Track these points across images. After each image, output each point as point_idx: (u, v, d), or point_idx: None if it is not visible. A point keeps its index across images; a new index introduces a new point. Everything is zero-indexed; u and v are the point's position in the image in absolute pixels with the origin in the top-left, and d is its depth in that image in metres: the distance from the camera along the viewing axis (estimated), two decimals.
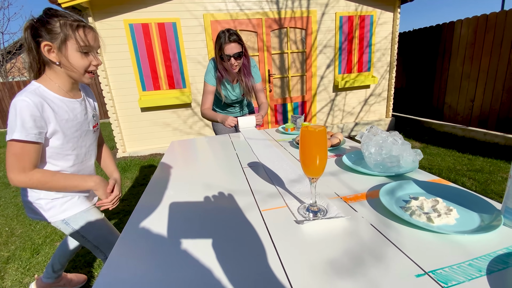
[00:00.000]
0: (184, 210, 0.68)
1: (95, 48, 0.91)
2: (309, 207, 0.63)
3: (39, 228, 2.29)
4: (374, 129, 0.87)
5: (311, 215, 0.61)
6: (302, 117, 1.40)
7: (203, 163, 1.05)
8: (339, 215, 0.59)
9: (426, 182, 0.70)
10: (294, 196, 0.71)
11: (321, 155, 0.57)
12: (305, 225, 0.57)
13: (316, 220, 0.58)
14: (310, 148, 0.57)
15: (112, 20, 3.62)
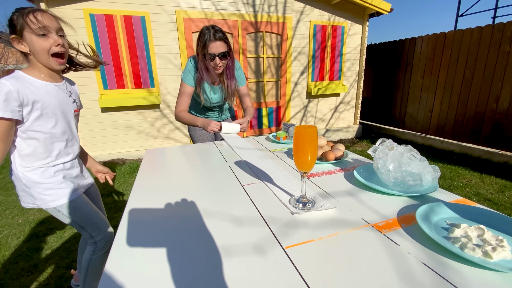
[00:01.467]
0: (186, 249, 0.52)
1: (52, 28, 0.92)
2: (299, 199, 0.69)
3: None
4: (388, 143, 0.80)
5: (301, 205, 0.68)
6: (295, 125, 1.30)
7: (195, 180, 0.89)
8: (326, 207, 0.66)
9: (457, 205, 0.64)
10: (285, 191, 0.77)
11: (312, 151, 0.64)
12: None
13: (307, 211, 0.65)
14: (303, 145, 0.64)
15: (69, 8, 3.21)
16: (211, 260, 0.48)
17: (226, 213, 0.65)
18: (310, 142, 0.63)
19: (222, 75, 1.58)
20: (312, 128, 0.63)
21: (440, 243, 0.49)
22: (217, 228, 0.58)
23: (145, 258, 0.49)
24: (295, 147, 0.66)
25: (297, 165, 0.67)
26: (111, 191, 2.79)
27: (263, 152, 1.17)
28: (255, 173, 0.91)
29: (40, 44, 0.90)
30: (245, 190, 0.78)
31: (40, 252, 1.84)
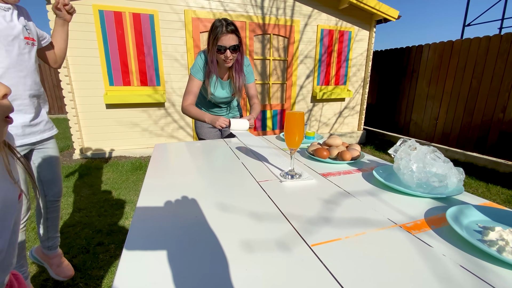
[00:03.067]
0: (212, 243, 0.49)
1: None
2: (288, 172, 0.84)
3: None
4: (411, 142, 0.77)
5: (289, 177, 0.82)
6: (307, 126, 1.28)
7: (207, 176, 0.86)
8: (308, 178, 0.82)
9: (487, 207, 0.61)
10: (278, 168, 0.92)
11: (299, 132, 0.79)
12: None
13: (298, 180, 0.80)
14: (292, 128, 0.79)
15: (78, 3, 3.21)
16: (233, 256, 0.45)
17: (244, 208, 0.62)
18: (298, 125, 0.78)
19: (231, 69, 1.58)
20: (300, 114, 0.78)
21: (477, 245, 0.46)
22: (237, 224, 0.56)
23: (165, 254, 0.46)
24: (285, 129, 0.81)
25: (287, 143, 0.82)
26: (114, 188, 2.76)
27: (275, 149, 1.15)
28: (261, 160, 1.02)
29: None
30: (261, 186, 0.76)
31: None
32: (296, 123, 0.78)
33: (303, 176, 0.83)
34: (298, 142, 0.80)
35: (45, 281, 1.51)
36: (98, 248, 1.80)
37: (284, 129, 0.81)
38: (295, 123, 0.78)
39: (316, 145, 1.03)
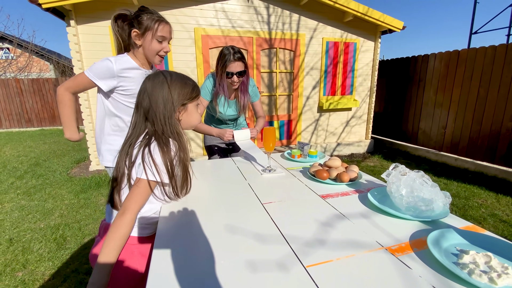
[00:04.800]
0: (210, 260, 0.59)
1: (167, 39, 1.21)
2: (266, 168, 1.24)
3: None
4: (401, 168, 0.85)
5: (267, 171, 1.21)
6: (309, 145, 1.37)
7: (216, 196, 0.96)
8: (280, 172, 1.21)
9: (466, 231, 0.68)
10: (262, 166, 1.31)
11: (272, 141, 1.20)
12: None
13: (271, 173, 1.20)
14: (267, 137, 1.19)
15: (96, 25, 3.44)
16: (237, 274, 0.54)
17: (249, 230, 0.71)
18: (271, 136, 1.19)
19: (237, 89, 1.73)
20: (272, 128, 1.21)
21: (449, 268, 0.54)
22: (241, 244, 0.65)
23: (177, 275, 0.55)
24: (263, 139, 1.21)
25: (265, 148, 1.22)
26: None
27: (286, 174, 1.24)
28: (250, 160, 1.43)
29: (155, 46, 1.18)
30: (265, 208, 0.85)
31: (61, 257, 1.94)
32: (269, 135, 1.19)
33: (277, 171, 1.21)
34: (272, 147, 1.21)
35: None
36: None
37: (263, 139, 1.21)
38: (268, 135, 1.19)
39: (317, 166, 1.12)
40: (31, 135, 7.28)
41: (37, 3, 3.06)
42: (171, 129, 0.85)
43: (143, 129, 0.86)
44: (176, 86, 0.86)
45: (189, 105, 0.91)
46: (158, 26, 1.14)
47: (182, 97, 0.87)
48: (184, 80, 0.90)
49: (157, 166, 0.79)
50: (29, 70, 14.76)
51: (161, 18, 1.17)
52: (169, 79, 0.86)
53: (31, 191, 3.19)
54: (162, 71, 0.89)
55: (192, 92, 0.90)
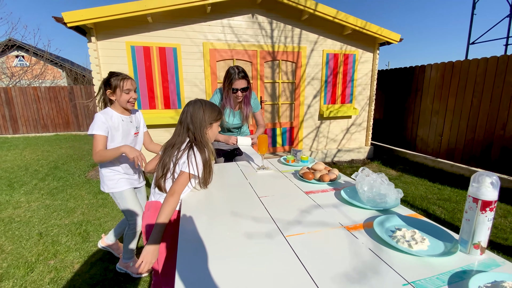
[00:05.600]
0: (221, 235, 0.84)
1: (132, 89, 1.60)
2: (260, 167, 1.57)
3: (30, 245, 2.27)
4: (366, 171, 1.10)
5: (262, 169, 1.55)
6: (301, 151, 1.62)
7: (223, 192, 1.22)
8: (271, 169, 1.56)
9: (406, 217, 0.92)
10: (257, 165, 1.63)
11: (265, 146, 1.58)
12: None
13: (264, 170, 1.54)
14: (261, 143, 1.58)
15: (114, 41, 3.78)
16: (238, 240, 0.79)
17: (248, 214, 0.96)
18: (264, 142, 1.58)
19: (241, 102, 2.02)
20: (264, 136, 1.60)
21: (382, 238, 0.78)
22: (242, 222, 0.90)
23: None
24: (258, 145, 1.60)
25: (259, 151, 1.60)
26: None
27: (274, 171, 1.49)
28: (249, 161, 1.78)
29: (124, 97, 1.58)
30: (260, 200, 1.10)
31: (86, 248, 2.21)
32: (263, 141, 1.59)
33: (269, 169, 1.57)
34: (265, 151, 1.60)
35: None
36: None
37: (257, 143, 1.61)
38: (262, 141, 1.59)
39: (305, 169, 1.37)
40: (47, 140, 7.69)
41: (63, 22, 3.42)
42: (203, 139, 1.20)
43: (185, 138, 1.21)
44: (208, 111, 1.23)
45: (214, 124, 1.28)
46: (123, 83, 1.55)
47: (211, 118, 1.24)
48: (213, 107, 1.26)
49: (197, 164, 1.14)
50: (43, 77, 15.40)
51: (125, 76, 1.56)
52: (203, 105, 1.24)
53: (53, 191, 3.50)
54: (199, 100, 1.27)
55: (217, 116, 1.28)
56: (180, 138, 1.21)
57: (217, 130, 1.32)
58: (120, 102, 1.59)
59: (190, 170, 1.13)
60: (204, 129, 1.22)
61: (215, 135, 1.31)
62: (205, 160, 1.18)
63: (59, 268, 1.98)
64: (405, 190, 3.65)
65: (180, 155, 1.17)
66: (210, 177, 1.25)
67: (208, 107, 1.25)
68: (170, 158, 1.19)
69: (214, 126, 1.29)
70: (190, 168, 1.13)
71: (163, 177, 1.19)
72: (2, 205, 3.09)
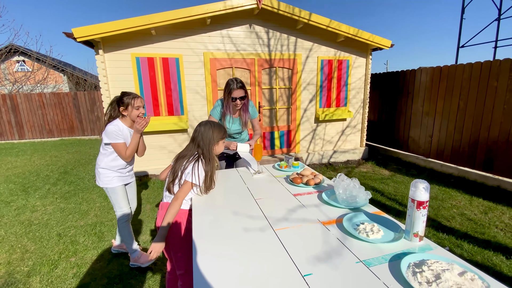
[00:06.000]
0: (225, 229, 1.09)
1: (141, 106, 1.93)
2: (256, 172, 1.83)
3: (51, 244, 2.51)
4: (342, 177, 1.34)
5: (257, 174, 1.81)
6: (293, 158, 1.86)
7: (226, 195, 1.46)
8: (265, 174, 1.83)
9: (371, 214, 1.16)
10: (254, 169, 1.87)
11: (260, 153, 1.87)
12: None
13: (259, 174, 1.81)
14: (257, 151, 1.87)
15: (120, 52, 4.03)
16: (236, 233, 1.04)
17: (245, 213, 1.20)
18: (259, 150, 1.85)
19: (240, 110, 2.28)
20: (259, 145, 1.86)
21: (347, 229, 1.02)
22: (240, 220, 1.14)
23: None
24: (254, 152, 1.88)
25: (255, 158, 1.87)
26: (149, 202, 3.41)
27: (269, 176, 1.73)
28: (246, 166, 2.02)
29: (135, 113, 1.90)
30: (256, 202, 1.34)
31: (102, 247, 2.45)
32: (258, 150, 1.84)
33: (263, 174, 1.81)
34: (260, 158, 1.85)
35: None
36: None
37: (253, 152, 1.88)
38: (257, 150, 1.84)
39: (295, 175, 1.61)
40: (53, 145, 7.94)
41: (73, 37, 3.67)
42: (210, 154, 1.45)
43: (194, 151, 1.46)
44: (216, 131, 1.49)
45: (220, 141, 1.53)
46: (134, 101, 1.88)
47: (218, 137, 1.50)
48: (220, 128, 1.53)
49: (199, 175, 1.38)
50: (46, 82, 15.65)
51: (135, 96, 1.89)
52: (213, 126, 1.50)
53: (66, 195, 3.75)
54: (209, 122, 1.53)
55: (223, 135, 1.54)
56: (191, 152, 1.47)
57: (222, 146, 1.57)
58: (131, 117, 1.92)
59: (192, 180, 1.37)
60: (212, 146, 1.47)
61: (221, 149, 1.57)
62: (208, 171, 1.41)
63: (80, 264, 2.22)
64: (396, 189, 3.89)
65: (187, 165, 1.41)
66: (212, 186, 1.48)
67: (216, 127, 1.51)
68: (179, 167, 1.43)
69: (220, 143, 1.55)
70: (193, 178, 1.37)
71: (172, 182, 1.44)
72: (20, 209, 3.34)
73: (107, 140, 1.85)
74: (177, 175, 1.42)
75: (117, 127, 1.87)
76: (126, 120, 1.93)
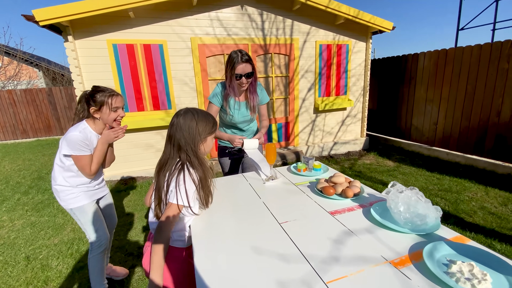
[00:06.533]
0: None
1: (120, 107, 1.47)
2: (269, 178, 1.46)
3: (17, 272, 2.07)
4: (398, 186, 0.98)
5: (271, 180, 1.44)
6: (313, 159, 1.49)
7: (237, 218, 1.08)
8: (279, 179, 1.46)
9: (455, 243, 0.81)
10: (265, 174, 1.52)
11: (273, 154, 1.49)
12: None
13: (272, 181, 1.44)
14: (270, 151, 1.49)
15: (94, 39, 3.49)
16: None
17: (273, 250, 0.83)
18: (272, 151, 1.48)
19: (246, 91, 1.82)
20: (273, 144, 1.50)
21: (441, 278, 0.67)
22: (268, 265, 0.77)
23: None
24: (266, 154, 1.50)
25: (268, 161, 1.51)
26: (136, 210, 2.99)
27: (287, 184, 1.36)
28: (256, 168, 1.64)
29: (112, 116, 1.43)
30: (282, 227, 0.97)
31: (80, 272, 2.03)
32: (271, 150, 1.49)
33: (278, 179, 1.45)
34: (273, 160, 1.49)
35: None
36: (131, 271, 2.02)
37: (265, 153, 1.50)
38: (270, 150, 1.49)
39: (324, 183, 1.24)
40: (28, 146, 7.26)
41: (34, 20, 3.10)
42: (198, 159, 1.02)
43: (176, 157, 1.03)
44: (202, 122, 1.04)
45: (209, 137, 1.08)
46: (112, 100, 1.39)
47: (205, 131, 1.06)
48: (207, 117, 1.06)
49: (186, 192, 0.96)
50: (18, 78, 14.51)
51: (112, 93, 1.41)
52: (196, 116, 1.05)
53: (39, 206, 3.26)
54: (190, 109, 1.06)
55: (212, 127, 1.09)
56: (172, 159, 1.04)
57: (212, 143, 1.14)
58: (106, 121, 1.42)
59: (178, 201, 0.96)
60: (198, 145, 1.05)
61: (210, 148, 1.13)
62: (196, 185, 1.01)
63: None
64: (406, 182, 3.63)
65: (170, 180, 1.00)
66: (210, 198, 1.10)
67: (202, 117, 1.05)
68: (162, 183, 1.03)
69: (209, 140, 1.11)
70: (178, 198, 0.96)
71: (159, 206, 1.04)
72: None
73: (68, 151, 1.36)
74: (162, 195, 1.02)
75: (84, 134, 1.38)
76: (97, 124, 1.44)
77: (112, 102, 1.39)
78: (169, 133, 1.06)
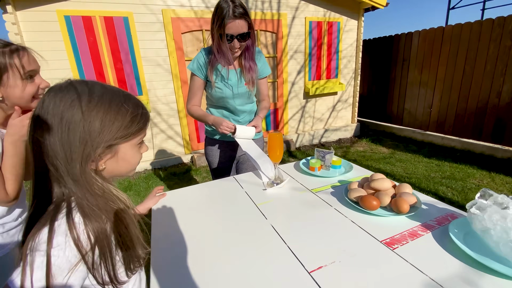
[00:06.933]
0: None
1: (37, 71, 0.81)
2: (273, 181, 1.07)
3: None
4: (502, 199, 0.60)
5: (275, 184, 1.03)
6: (332, 153, 1.09)
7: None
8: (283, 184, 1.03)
9: None
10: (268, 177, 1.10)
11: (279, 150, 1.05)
12: None
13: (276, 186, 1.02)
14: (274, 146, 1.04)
15: (40, 10, 2.82)
16: None
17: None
18: (278, 143, 1.03)
19: (240, 57, 1.32)
20: (279, 134, 1.05)
21: None
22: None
23: None
24: (269, 148, 1.05)
25: (271, 158, 1.07)
26: None
27: (301, 192, 0.95)
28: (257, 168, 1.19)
29: (28, 90, 0.76)
30: (313, 278, 0.56)
31: None
32: (277, 141, 1.04)
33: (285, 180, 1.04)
34: (280, 157, 1.06)
35: None
36: None
37: (268, 147, 1.05)
38: (276, 142, 1.03)
39: (359, 189, 0.84)
40: None
41: None
42: (90, 193, 0.49)
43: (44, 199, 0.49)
44: (99, 113, 0.48)
45: (122, 145, 0.53)
46: (18, 60, 0.73)
47: (112, 133, 0.50)
48: (117, 101, 0.51)
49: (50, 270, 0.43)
50: None
51: (15, 47, 0.74)
52: (85, 100, 0.47)
53: None
54: (75, 82, 0.50)
55: (131, 124, 0.52)
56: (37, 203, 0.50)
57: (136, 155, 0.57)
58: (19, 101, 0.76)
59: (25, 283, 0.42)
60: (90, 161, 0.49)
61: (129, 168, 0.57)
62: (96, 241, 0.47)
63: None
64: (405, 170, 3.37)
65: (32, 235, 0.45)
66: (136, 256, 0.55)
67: (101, 103, 0.49)
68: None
69: (124, 150, 0.54)
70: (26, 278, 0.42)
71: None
72: None
73: None
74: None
75: None
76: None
77: (23, 64, 0.74)
78: (29, 139, 0.48)
